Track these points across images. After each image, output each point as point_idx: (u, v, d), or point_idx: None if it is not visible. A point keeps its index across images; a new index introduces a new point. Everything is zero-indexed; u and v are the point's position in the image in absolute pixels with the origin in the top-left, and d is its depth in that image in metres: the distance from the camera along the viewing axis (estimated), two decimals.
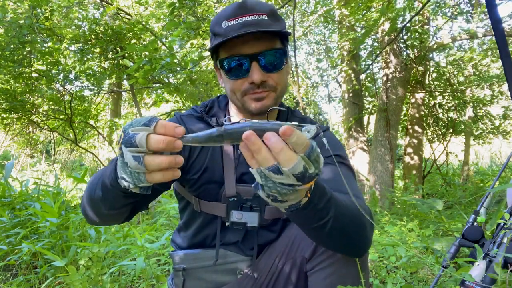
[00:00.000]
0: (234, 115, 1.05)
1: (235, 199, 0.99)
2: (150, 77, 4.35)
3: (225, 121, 0.61)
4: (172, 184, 1.06)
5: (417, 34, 4.55)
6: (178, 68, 3.20)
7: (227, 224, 1.00)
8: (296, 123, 0.55)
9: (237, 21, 0.87)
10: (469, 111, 5.83)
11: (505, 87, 5.61)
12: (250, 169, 0.57)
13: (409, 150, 5.30)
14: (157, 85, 4.94)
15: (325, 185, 0.69)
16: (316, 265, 0.91)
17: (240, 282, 1.06)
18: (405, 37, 4.55)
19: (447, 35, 4.94)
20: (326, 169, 0.92)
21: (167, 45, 3.23)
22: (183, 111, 1.12)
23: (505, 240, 1.21)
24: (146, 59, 2.87)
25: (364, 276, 0.89)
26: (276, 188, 0.56)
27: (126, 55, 4.24)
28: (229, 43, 0.90)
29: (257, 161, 0.55)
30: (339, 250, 0.86)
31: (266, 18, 0.89)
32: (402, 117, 5.61)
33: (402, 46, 4.78)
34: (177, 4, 3.07)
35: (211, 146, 0.58)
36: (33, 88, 4.62)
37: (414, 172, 5.13)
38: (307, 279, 0.95)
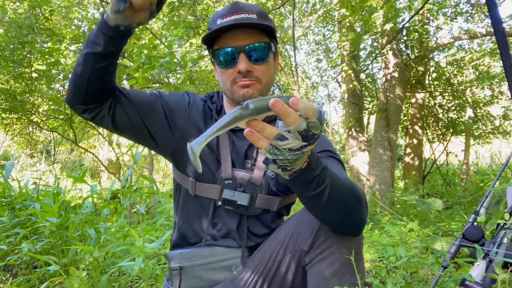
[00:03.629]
0: (226, 105, 1.14)
1: (230, 182, 1.07)
2: (150, 78, 4.34)
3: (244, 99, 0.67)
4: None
5: (416, 34, 4.55)
6: (178, 68, 3.20)
7: (219, 203, 1.07)
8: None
9: (229, 18, 0.98)
10: (469, 111, 5.83)
11: (505, 87, 5.61)
12: (260, 151, 0.66)
13: (409, 150, 5.30)
14: (157, 85, 4.93)
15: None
16: (314, 257, 0.93)
17: (235, 279, 1.07)
18: (405, 38, 4.55)
19: (447, 35, 4.94)
20: (324, 161, 0.96)
21: (166, 44, 3.23)
22: None
23: (505, 240, 1.21)
24: (145, 57, 2.86)
25: (361, 265, 0.95)
26: (286, 158, 0.65)
27: (126, 54, 4.24)
28: (221, 37, 1.01)
29: (265, 136, 0.63)
30: (337, 226, 0.89)
31: (255, 17, 0.99)
32: (402, 117, 5.61)
33: (402, 46, 4.79)
34: (176, 3, 3.07)
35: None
36: (33, 88, 4.62)
37: (414, 172, 5.13)
38: (305, 273, 0.96)
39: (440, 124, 6.24)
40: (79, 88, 0.96)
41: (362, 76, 5.94)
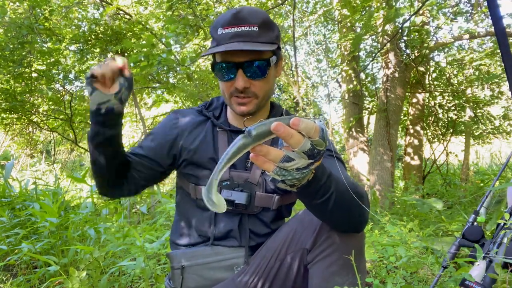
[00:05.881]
0: (229, 109, 1.17)
1: (228, 182, 1.08)
2: (150, 77, 4.34)
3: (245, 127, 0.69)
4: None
5: (416, 34, 4.55)
6: (178, 69, 3.20)
7: None
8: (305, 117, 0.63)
9: (229, 30, 0.96)
10: (469, 111, 5.82)
11: (505, 87, 5.60)
12: (267, 173, 0.65)
13: (409, 150, 5.30)
14: (156, 85, 4.93)
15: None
16: (316, 255, 0.93)
17: (236, 277, 1.07)
18: (405, 37, 4.54)
19: (448, 35, 4.94)
20: (324, 161, 0.96)
21: (164, 42, 3.22)
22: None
23: (505, 240, 1.21)
24: (143, 56, 2.85)
25: (363, 264, 0.96)
26: (295, 177, 0.65)
27: (126, 54, 4.24)
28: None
29: (271, 160, 0.63)
30: (341, 226, 0.91)
31: (257, 30, 0.97)
32: (402, 117, 5.60)
33: (402, 46, 4.78)
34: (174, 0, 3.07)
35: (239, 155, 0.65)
36: (33, 88, 4.62)
37: (414, 172, 5.13)
38: (307, 272, 0.97)
39: (440, 124, 6.23)
40: (101, 181, 1.04)
41: (362, 76, 5.94)
